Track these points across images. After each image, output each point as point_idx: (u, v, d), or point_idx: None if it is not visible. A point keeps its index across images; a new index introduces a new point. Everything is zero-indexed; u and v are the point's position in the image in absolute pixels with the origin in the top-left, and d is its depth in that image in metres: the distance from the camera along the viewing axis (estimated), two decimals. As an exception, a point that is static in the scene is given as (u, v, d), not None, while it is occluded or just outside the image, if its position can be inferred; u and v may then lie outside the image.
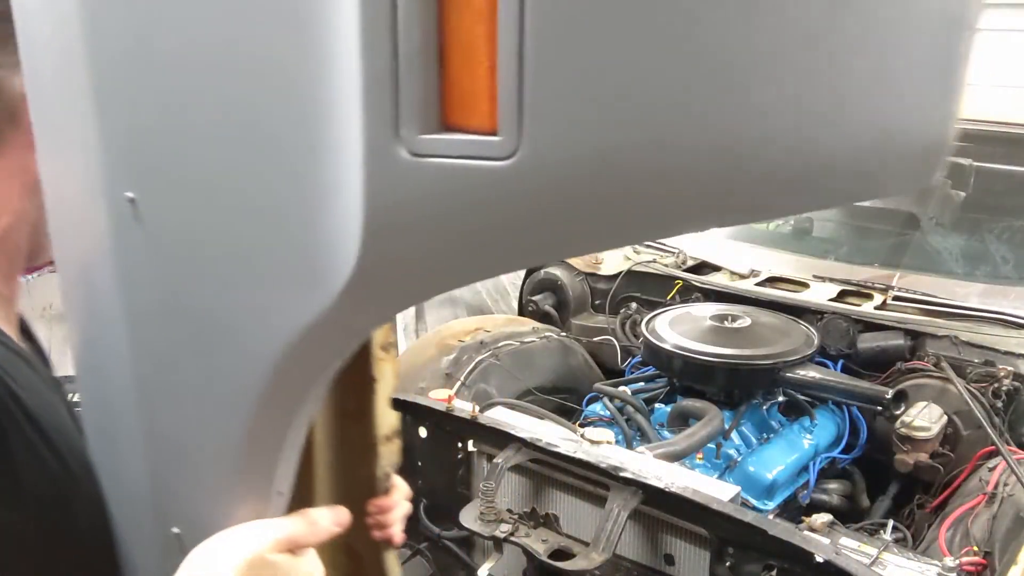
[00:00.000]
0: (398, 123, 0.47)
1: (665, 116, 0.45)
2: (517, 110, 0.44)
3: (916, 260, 2.83)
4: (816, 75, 0.47)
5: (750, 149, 0.47)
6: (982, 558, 1.69)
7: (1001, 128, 3.00)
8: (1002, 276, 2.75)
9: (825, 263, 2.87)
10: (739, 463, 2.18)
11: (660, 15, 0.43)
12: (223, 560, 0.67)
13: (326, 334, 0.59)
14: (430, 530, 2.16)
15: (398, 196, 0.49)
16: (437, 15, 0.45)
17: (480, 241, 0.52)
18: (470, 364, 2.49)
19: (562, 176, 0.46)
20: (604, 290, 3.03)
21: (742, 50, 0.45)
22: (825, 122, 0.49)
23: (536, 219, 0.49)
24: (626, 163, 0.46)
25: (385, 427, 0.94)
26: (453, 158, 0.47)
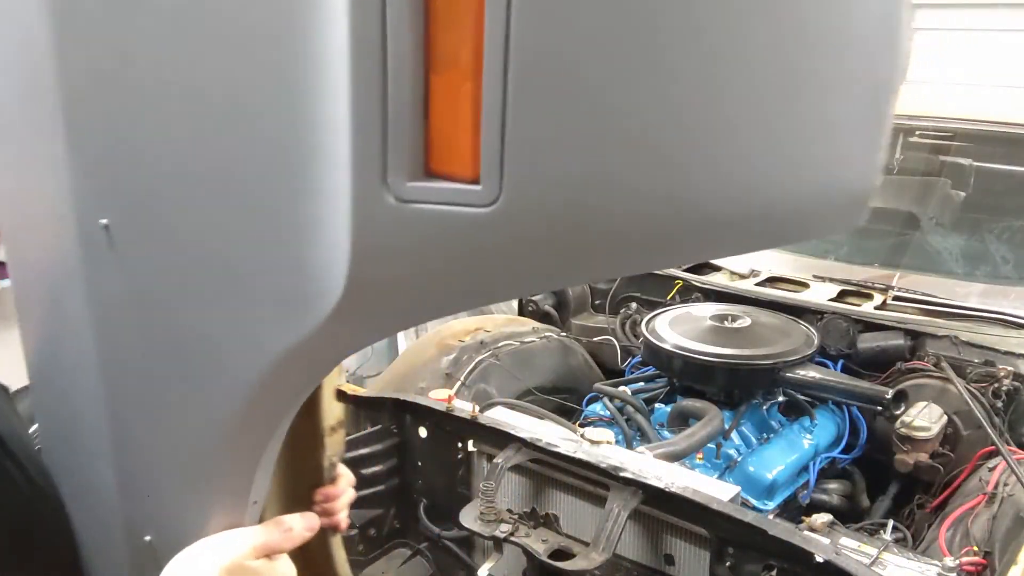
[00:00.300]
0: (386, 170, 0.50)
1: (629, 172, 0.50)
2: (499, 162, 0.48)
3: (916, 260, 2.83)
4: (761, 139, 0.53)
5: (704, 201, 0.53)
6: (982, 558, 1.69)
7: (1001, 128, 3.00)
8: (1002, 276, 2.75)
9: (825, 263, 2.87)
10: (739, 463, 2.18)
11: (627, 86, 0.48)
12: (204, 566, 0.69)
13: (306, 358, 0.62)
14: (430, 530, 2.16)
15: (384, 237, 0.52)
16: (425, 72, 0.48)
17: (459, 279, 0.56)
18: (470, 364, 2.49)
19: (538, 223, 0.51)
20: (604, 290, 3.03)
21: (702, 117, 0.51)
22: (767, 177, 0.55)
23: (512, 260, 0.54)
24: (594, 212, 0.51)
25: (330, 419, 0.98)
26: (437, 204, 0.51)
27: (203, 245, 0.64)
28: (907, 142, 3.29)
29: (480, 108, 0.47)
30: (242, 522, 0.74)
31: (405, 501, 2.22)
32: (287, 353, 0.61)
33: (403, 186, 0.50)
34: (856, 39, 0.56)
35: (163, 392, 0.72)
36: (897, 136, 3.33)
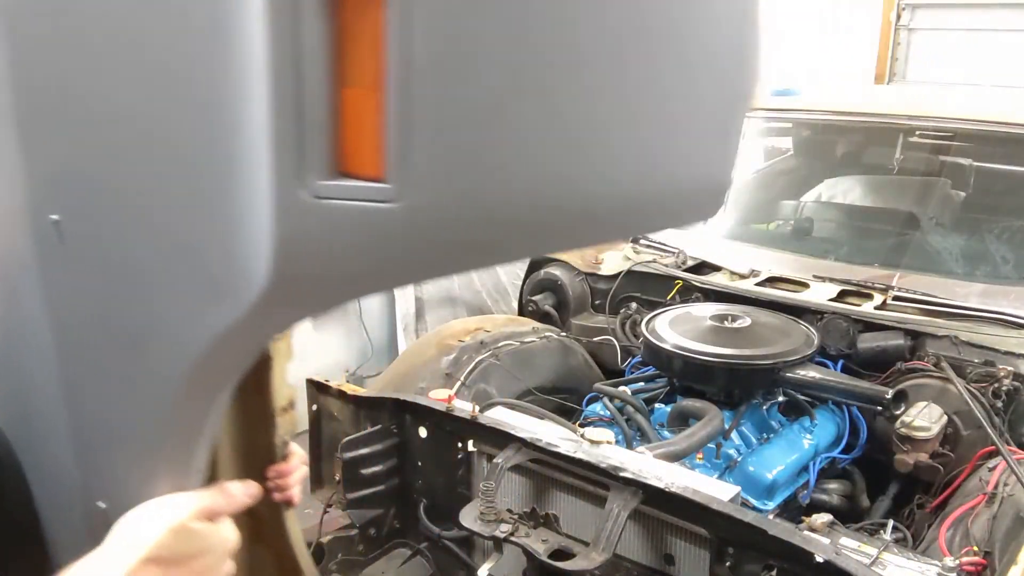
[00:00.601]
0: (302, 170, 0.57)
1: (515, 171, 0.60)
2: (402, 163, 0.56)
3: (916, 260, 2.82)
4: (627, 142, 0.62)
5: (580, 195, 0.63)
6: (982, 558, 1.69)
7: (1001, 128, 3.00)
8: (1002, 276, 2.75)
9: (825, 263, 2.87)
10: (739, 463, 2.18)
11: (510, 99, 0.57)
12: (148, 527, 0.75)
13: (237, 340, 0.69)
14: (430, 530, 2.16)
15: (301, 230, 0.58)
16: (336, 87, 0.56)
17: (372, 266, 0.63)
18: (470, 364, 2.49)
19: (438, 216, 0.59)
20: (604, 290, 3.03)
21: (577, 123, 0.60)
22: (634, 174, 0.64)
23: (417, 249, 0.62)
24: (486, 205, 0.60)
25: (281, 400, 1.06)
26: (349, 200, 0.58)
27: (142, 238, 0.71)
28: (907, 142, 3.29)
29: (384, 116, 0.55)
30: (186, 487, 0.80)
31: (405, 501, 2.22)
32: (221, 334, 0.68)
33: (317, 184, 0.57)
34: (708, 54, 0.65)
35: (111, 370, 0.80)
36: (897, 136, 3.33)
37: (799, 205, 3.43)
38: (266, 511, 1.08)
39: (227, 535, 0.82)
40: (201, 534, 0.78)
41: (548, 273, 3.11)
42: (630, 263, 3.02)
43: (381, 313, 4.62)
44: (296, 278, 0.62)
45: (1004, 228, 2.90)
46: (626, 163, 0.63)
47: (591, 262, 3.13)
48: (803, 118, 3.59)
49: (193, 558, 0.77)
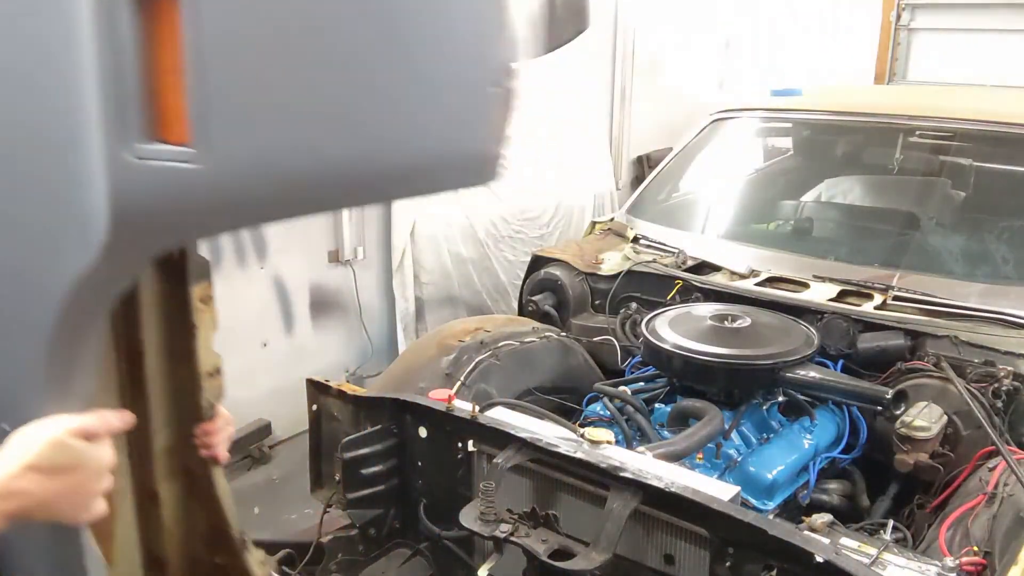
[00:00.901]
0: (126, 137, 0.73)
1: (292, 140, 0.73)
2: (205, 131, 0.71)
3: (916, 260, 2.82)
4: (380, 115, 0.74)
5: (343, 159, 0.75)
6: (982, 558, 1.69)
7: (1001, 128, 3.00)
8: (1002, 276, 2.75)
9: (825, 263, 2.87)
10: (739, 463, 2.18)
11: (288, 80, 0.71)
12: (31, 440, 0.89)
13: (94, 282, 0.84)
14: (430, 530, 2.16)
15: (129, 186, 0.74)
16: (149, 72, 0.72)
17: (189, 216, 0.79)
18: (470, 364, 2.48)
19: (233, 174, 0.73)
20: (604, 290, 3.03)
21: (349, 101, 0.72)
22: (392, 142, 0.76)
23: (220, 201, 0.77)
24: (275, 166, 0.74)
25: (207, 365, 1.22)
26: (164, 161, 0.73)
27: (9, 200, 0.86)
28: (907, 142, 3.29)
29: (186, 90, 0.70)
30: (69, 411, 0.93)
31: (405, 501, 2.22)
32: (80, 276, 0.82)
33: (138, 148, 0.73)
34: (461, 44, 0.75)
35: (3, 311, 0.94)
36: (897, 136, 3.33)
37: (799, 205, 3.43)
38: (197, 467, 1.25)
39: (103, 454, 0.94)
40: (77, 449, 0.91)
41: (548, 273, 3.11)
42: (630, 263, 3.02)
43: (381, 313, 4.62)
44: (129, 226, 0.76)
45: (1004, 228, 2.90)
46: (386, 132, 0.74)
47: (591, 262, 3.13)
48: (803, 118, 3.59)
49: (71, 470, 0.90)
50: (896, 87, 6.73)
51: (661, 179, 3.60)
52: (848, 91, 4.40)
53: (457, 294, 4.82)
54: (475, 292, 4.89)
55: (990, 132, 3.03)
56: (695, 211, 3.52)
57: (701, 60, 6.47)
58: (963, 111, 3.16)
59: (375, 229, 4.45)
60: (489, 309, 4.91)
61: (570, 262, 3.11)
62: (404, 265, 4.52)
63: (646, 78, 5.94)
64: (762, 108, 3.70)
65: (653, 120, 6.03)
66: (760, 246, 3.06)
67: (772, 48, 7.35)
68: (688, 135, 3.69)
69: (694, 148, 3.65)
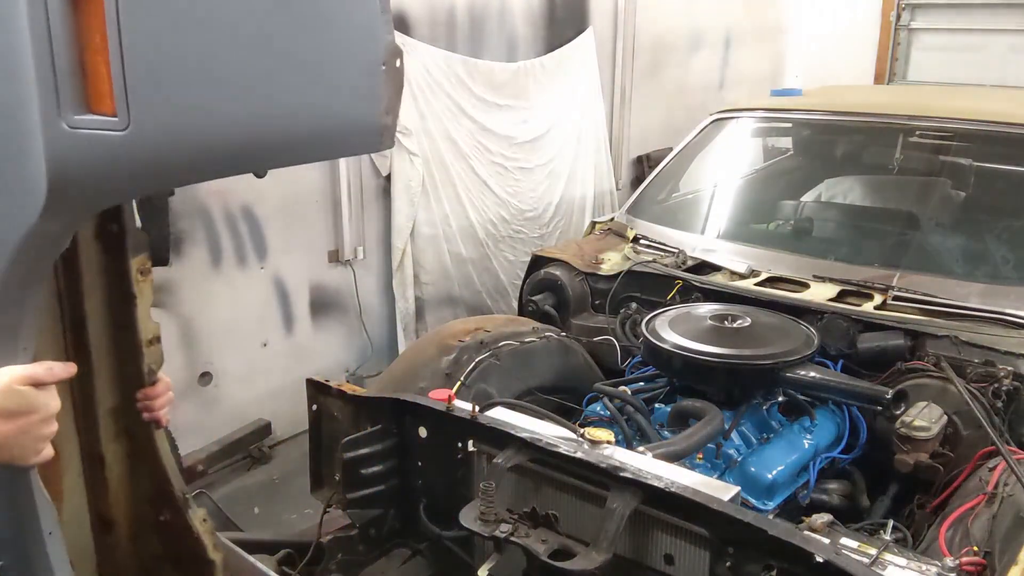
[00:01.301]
0: (61, 108, 0.84)
1: (202, 111, 0.84)
2: (126, 104, 0.82)
3: (916, 260, 2.82)
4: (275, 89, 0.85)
5: (246, 128, 0.85)
6: (982, 558, 1.69)
7: (1001, 128, 2.99)
8: (1002, 276, 2.75)
9: (825, 263, 2.87)
10: (739, 463, 2.18)
11: (195, 58, 0.82)
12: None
13: (38, 237, 0.94)
14: (430, 530, 2.16)
15: (64, 152, 0.84)
16: (79, 52, 0.84)
17: (116, 177, 0.90)
18: (470, 364, 2.48)
19: (155, 141, 0.85)
20: (604, 290, 3.03)
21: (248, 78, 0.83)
22: (288, 112, 0.86)
23: (146, 164, 0.88)
24: (189, 134, 0.85)
25: (147, 334, 1.31)
26: (93, 130, 0.84)
27: None
28: (907, 142, 3.29)
29: (111, 68, 0.82)
30: (15, 362, 1.03)
31: (405, 501, 2.22)
32: (28, 232, 0.91)
33: (71, 118, 0.84)
34: (350, 27, 0.84)
35: None
36: (897, 136, 3.33)
37: (799, 205, 3.43)
38: (139, 429, 1.37)
39: (50, 400, 1.03)
40: (26, 395, 1.00)
41: (548, 273, 3.11)
42: (630, 263, 3.02)
43: (381, 313, 4.62)
44: (66, 184, 0.87)
45: (1004, 228, 2.90)
46: (285, 104, 0.85)
47: (591, 262, 3.13)
48: (803, 118, 3.59)
49: (20, 415, 1.00)
50: (896, 87, 6.73)
51: (661, 179, 3.60)
52: (848, 91, 4.39)
53: (457, 294, 4.82)
54: (475, 292, 4.90)
55: (990, 132, 3.03)
56: (695, 211, 3.52)
57: (701, 60, 6.47)
58: (963, 111, 3.16)
59: (375, 229, 4.46)
60: (489, 309, 4.91)
61: (570, 262, 3.11)
62: (404, 265, 4.52)
63: (646, 78, 5.95)
64: (762, 108, 3.70)
65: (653, 120, 6.03)
66: (760, 246, 3.06)
67: (772, 48, 7.35)
68: (688, 135, 3.69)
69: (694, 148, 3.66)
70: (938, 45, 7.07)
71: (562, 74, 5.15)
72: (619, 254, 3.15)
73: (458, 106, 4.53)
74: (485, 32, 4.70)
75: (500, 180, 4.85)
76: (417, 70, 4.29)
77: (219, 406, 3.92)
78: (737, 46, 6.79)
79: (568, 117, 5.22)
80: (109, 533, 1.42)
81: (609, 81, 5.64)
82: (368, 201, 4.38)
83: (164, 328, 3.98)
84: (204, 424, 3.83)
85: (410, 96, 4.28)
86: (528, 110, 4.95)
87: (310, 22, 0.83)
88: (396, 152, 4.30)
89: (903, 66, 7.21)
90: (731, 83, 6.77)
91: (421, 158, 4.38)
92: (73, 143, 0.84)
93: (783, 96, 3.76)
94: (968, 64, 6.61)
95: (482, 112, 4.66)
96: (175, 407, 3.99)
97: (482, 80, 4.64)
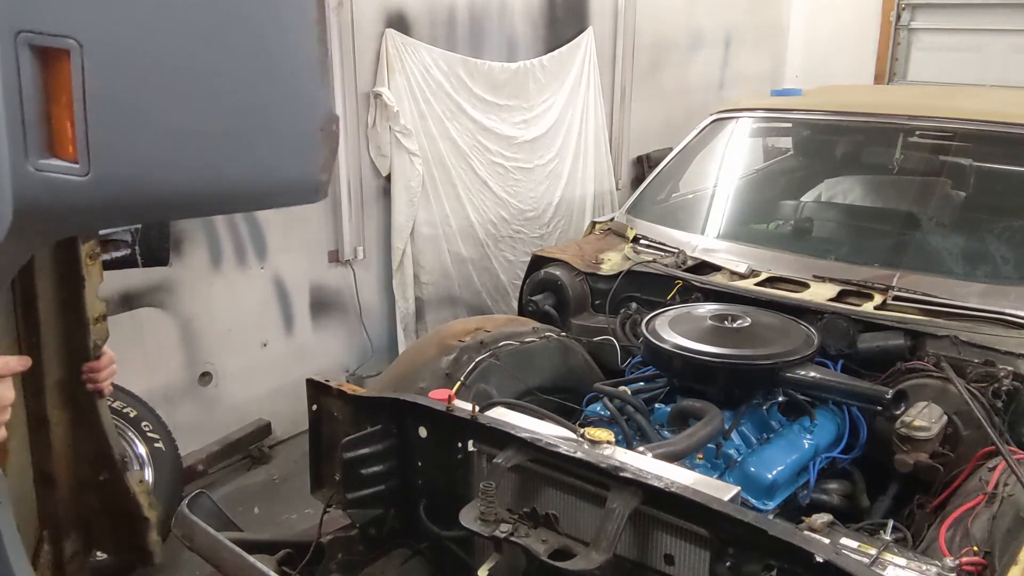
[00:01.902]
0: (28, 153, 0.92)
1: (152, 164, 0.95)
2: (87, 152, 0.91)
3: (916, 260, 2.82)
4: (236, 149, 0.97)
5: (190, 179, 0.97)
6: (982, 558, 1.69)
7: (1001, 128, 2.99)
8: (1002, 276, 2.75)
9: (825, 263, 2.87)
10: (739, 463, 2.18)
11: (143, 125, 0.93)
12: None
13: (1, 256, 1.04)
14: (430, 530, 2.16)
15: (29, 191, 0.93)
16: (47, 106, 0.92)
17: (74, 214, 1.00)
18: (470, 364, 2.48)
19: (113, 186, 0.94)
20: (604, 290, 3.03)
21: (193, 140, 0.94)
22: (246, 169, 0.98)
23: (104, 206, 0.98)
24: (143, 183, 0.96)
25: (94, 312, 1.44)
26: (56, 173, 0.93)
27: None
28: (907, 142, 3.29)
29: (75, 121, 0.90)
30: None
31: (405, 501, 2.22)
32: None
33: (36, 162, 0.92)
34: (293, 99, 0.97)
35: None
36: (897, 136, 3.33)
37: (799, 205, 3.43)
38: (84, 399, 1.51)
39: (5, 392, 1.14)
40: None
41: (548, 273, 3.11)
42: (630, 263, 3.02)
43: (381, 313, 4.62)
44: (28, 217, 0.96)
45: (1004, 228, 2.90)
46: (231, 162, 0.96)
47: (591, 262, 3.13)
48: (803, 118, 3.59)
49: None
50: (896, 87, 6.73)
51: (661, 179, 3.60)
52: (848, 91, 4.39)
53: (457, 294, 4.82)
54: (475, 292, 4.90)
55: (990, 132, 3.03)
56: (695, 211, 3.52)
57: (701, 60, 6.47)
58: (963, 111, 3.16)
59: (375, 229, 4.46)
60: (489, 309, 4.92)
61: (570, 262, 3.11)
62: (404, 265, 4.52)
63: (646, 78, 5.95)
64: (762, 108, 3.70)
65: (653, 120, 6.03)
66: (760, 246, 3.06)
67: (772, 48, 7.35)
68: (688, 135, 3.69)
69: (694, 148, 3.66)
70: (938, 45, 7.07)
71: (562, 74, 5.15)
72: (619, 254, 3.15)
73: (458, 106, 4.53)
74: (485, 32, 4.71)
75: (500, 180, 4.85)
76: (417, 70, 4.30)
77: (219, 406, 3.92)
78: (737, 46, 6.79)
79: (568, 117, 5.23)
80: (51, 488, 1.54)
81: (609, 81, 5.64)
82: (368, 201, 4.38)
83: (164, 328, 3.99)
84: (204, 424, 3.84)
85: (410, 96, 4.28)
86: (528, 110, 4.95)
87: (259, 90, 0.94)
88: (396, 152, 4.30)
89: (903, 66, 7.21)
90: (731, 83, 6.77)
91: (421, 158, 4.38)
92: (37, 183, 0.93)
93: (783, 96, 3.76)
94: (968, 64, 6.61)
95: (482, 112, 4.66)
96: (175, 407, 4.00)
97: (482, 80, 4.64)
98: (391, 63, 4.18)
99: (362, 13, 4.06)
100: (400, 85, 4.23)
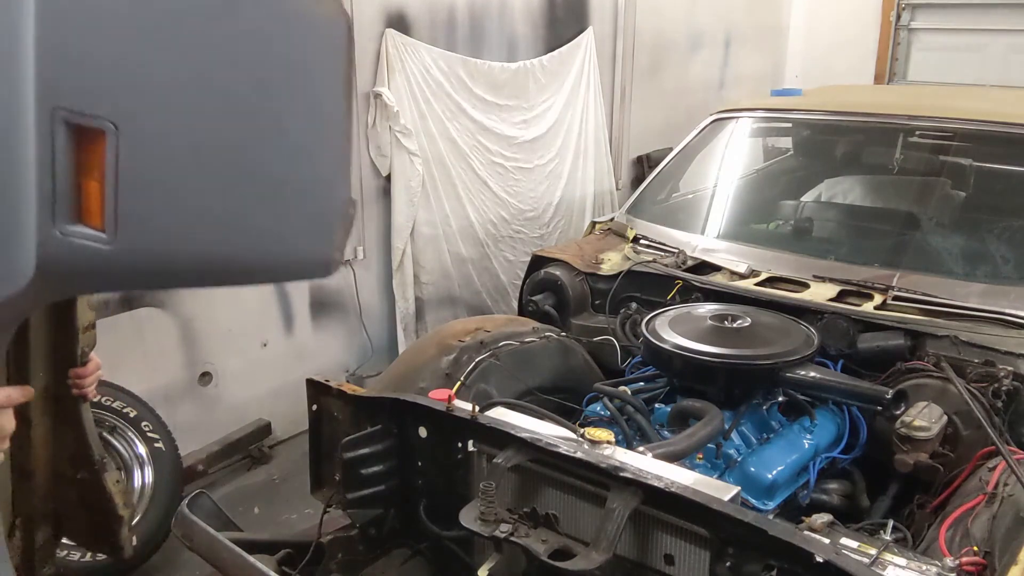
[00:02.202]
0: (56, 219, 0.94)
1: (176, 239, 0.98)
2: (114, 222, 0.94)
3: (916, 260, 2.82)
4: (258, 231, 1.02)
5: (214, 255, 1.02)
6: (982, 558, 1.69)
7: (1001, 128, 2.99)
8: (1002, 276, 2.75)
9: (825, 263, 2.87)
10: (739, 463, 2.18)
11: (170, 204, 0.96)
12: None
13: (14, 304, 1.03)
14: (430, 530, 2.16)
15: (53, 251, 0.95)
16: (78, 177, 0.94)
17: (95, 278, 1.04)
18: (470, 364, 2.48)
19: (137, 255, 0.97)
20: (604, 290, 3.03)
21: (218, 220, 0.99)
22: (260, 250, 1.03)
23: (123, 271, 1.00)
24: (166, 255, 0.99)
25: (83, 321, 1.49)
26: (82, 240, 0.95)
27: None
28: (907, 142, 3.29)
29: (104, 194, 0.93)
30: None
31: (405, 501, 2.22)
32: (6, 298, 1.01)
33: (64, 227, 0.95)
34: (316, 189, 1.04)
35: None
36: (897, 136, 3.33)
37: (799, 205, 3.43)
38: (68, 402, 1.56)
39: (5, 423, 1.16)
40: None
41: (548, 273, 3.11)
42: (630, 263, 3.02)
43: (381, 313, 4.62)
44: (50, 276, 0.99)
45: (1004, 228, 2.90)
46: (252, 243, 1.03)
47: (591, 262, 3.13)
48: (803, 118, 3.59)
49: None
50: (896, 87, 6.73)
51: (661, 179, 3.60)
52: (848, 91, 4.39)
53: (457, 294, 4.82)
54: (475, 292, 4.90)
55: (990, 132, 3.03)
56: (695, 211, 3.52)
57: (701, 60, 6.47)
58: (963, 111, 3.16)
59: (375, 229, 4.46)
60: (489, 309, 4.91)
61: (570, 262, 3.11)
62: (404, 265, 4.52)
63: (646, 78, 5.95)
64: (762, 108, 3.70)
65: (653, 120, 6.03)
66: (760, 246, 3.06)
67: (772, 48, 7.36)
68: (688, 135, 3.69)
69: (694, 148, 3.66)
70: (938, 45, 7.07)
71: (562, 74, 5.15)
72: (619, 254, 3.15)
73: (458, 106, 4.53)
74: (485, 32, 4.71)
75: (500, 180, 4.85)
76: (417, 70, 4.30)
77: (219, 406, 3.92)
78: (737, 46, 6.79)
79: (568, 117, 5.23)
80: (28, 480, 1.60)
81: (609, 81, 5.64)
82: (368, 201, 4.38)
83: (164, 328, 3.99)
84: (204, 424, 3.83)
85: (410, 96, 4.28)
86: (528, 110, 4.95)
87: (285, 176, 1.00)
88: (396, 152, 4.30)
89: (903, 66, 7.21)
90: (731, 83, 6.77)
91: (421, 158, 4.38)
92: (62, 245, 0.96)
93: (783, 96, 3.76)
94: (968, 64, 6.62)
95: (482, 112, 4.66)
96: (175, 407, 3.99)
97: (482, 80, 4.64)
98: (391, 63, 4.18)
99: (362, 13, 4.05)
100: (400, 85, 4.23)
